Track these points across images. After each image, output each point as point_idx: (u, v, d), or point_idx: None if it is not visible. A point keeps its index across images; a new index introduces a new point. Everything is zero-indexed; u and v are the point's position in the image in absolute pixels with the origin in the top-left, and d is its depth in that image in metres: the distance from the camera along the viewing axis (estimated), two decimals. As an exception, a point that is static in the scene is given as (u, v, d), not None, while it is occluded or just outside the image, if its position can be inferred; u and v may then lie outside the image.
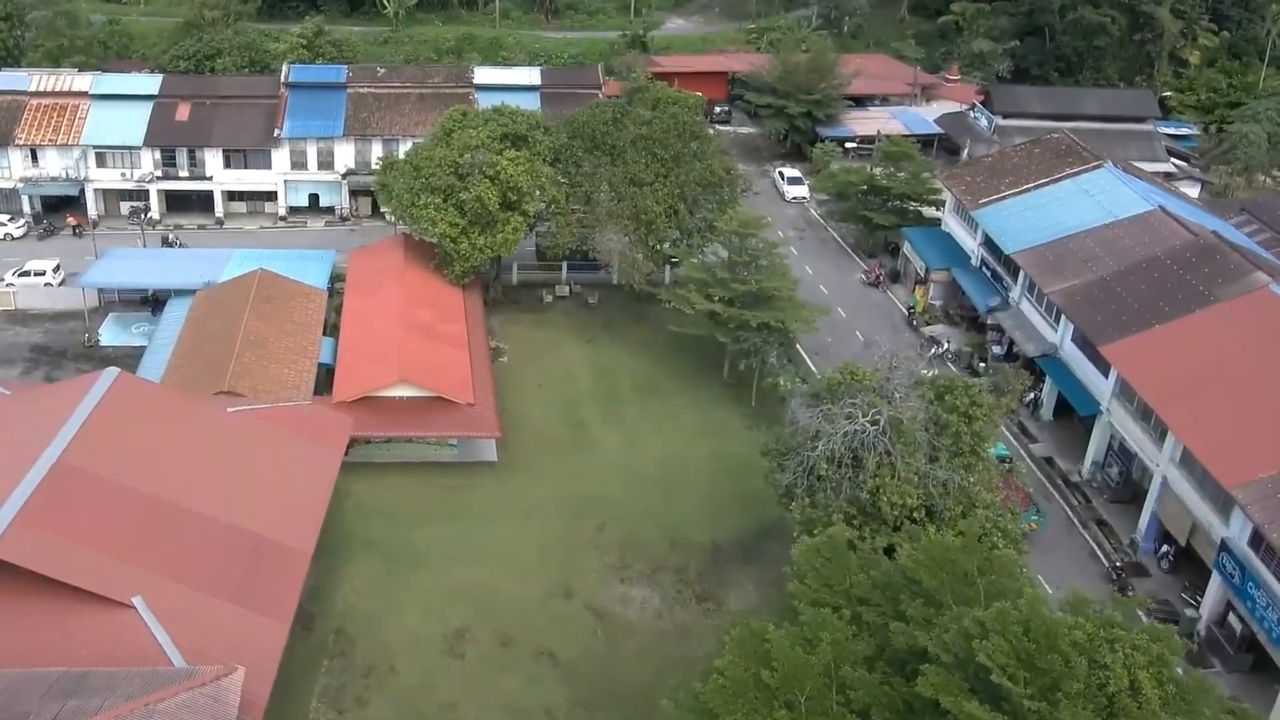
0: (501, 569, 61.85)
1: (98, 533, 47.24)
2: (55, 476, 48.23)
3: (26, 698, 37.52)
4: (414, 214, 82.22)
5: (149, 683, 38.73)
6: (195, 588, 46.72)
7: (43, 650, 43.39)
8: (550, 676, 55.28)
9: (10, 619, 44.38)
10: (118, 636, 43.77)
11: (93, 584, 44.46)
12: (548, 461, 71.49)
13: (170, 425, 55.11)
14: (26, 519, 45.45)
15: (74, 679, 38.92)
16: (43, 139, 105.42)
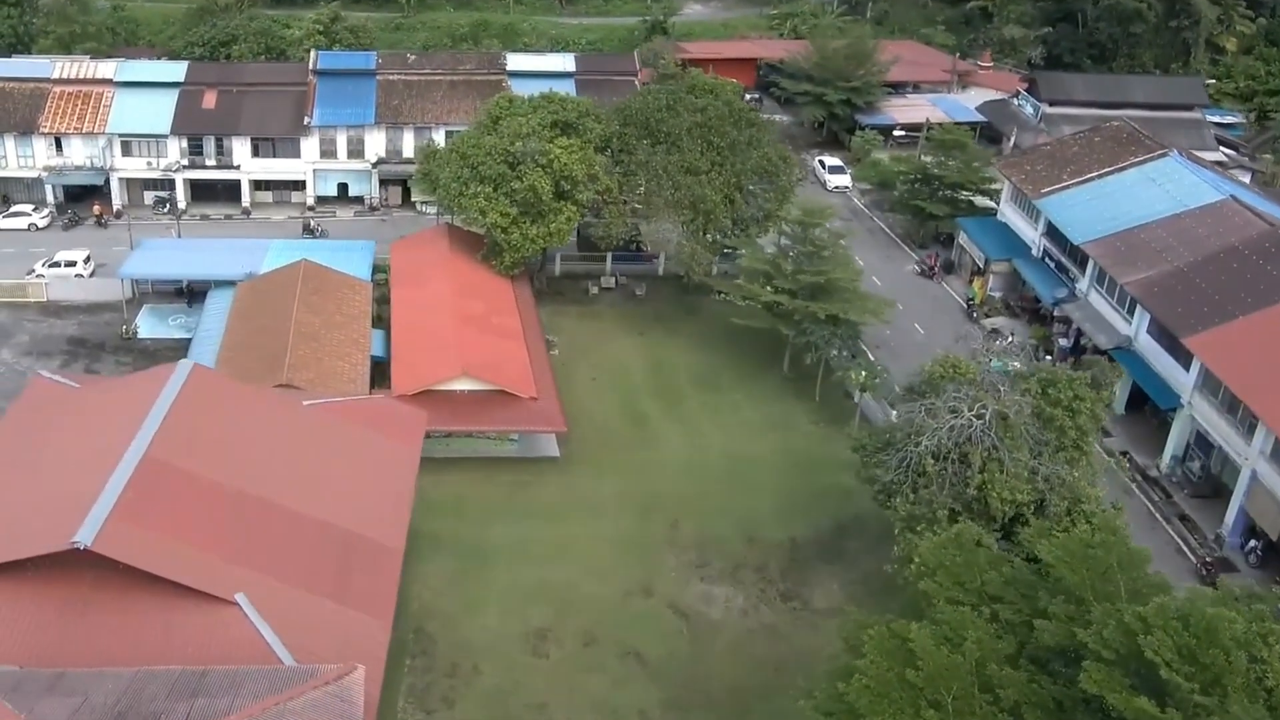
0: (576, 567, 61.58)
1: (191, 528, 46.90)
2: (144, 471, 47.84)
3: (151, 696, 37.21)
4: (462, 203, 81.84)
5: (272, 681, 38.38)
6: (293, 585, 46.36)
7: (147, 648, 43.19)
8: (639, 677, 55.01)
9: (111, 616, 44.11)
10: (221, 634, 43.49)
11: (195, 580, 44.14)
12: (611, 457, 71.23)
13: (249, 419, 54.73)
14: (121, 514, 45.03)
15: (194, 677, 38.59)
16: (67, 127, 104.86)
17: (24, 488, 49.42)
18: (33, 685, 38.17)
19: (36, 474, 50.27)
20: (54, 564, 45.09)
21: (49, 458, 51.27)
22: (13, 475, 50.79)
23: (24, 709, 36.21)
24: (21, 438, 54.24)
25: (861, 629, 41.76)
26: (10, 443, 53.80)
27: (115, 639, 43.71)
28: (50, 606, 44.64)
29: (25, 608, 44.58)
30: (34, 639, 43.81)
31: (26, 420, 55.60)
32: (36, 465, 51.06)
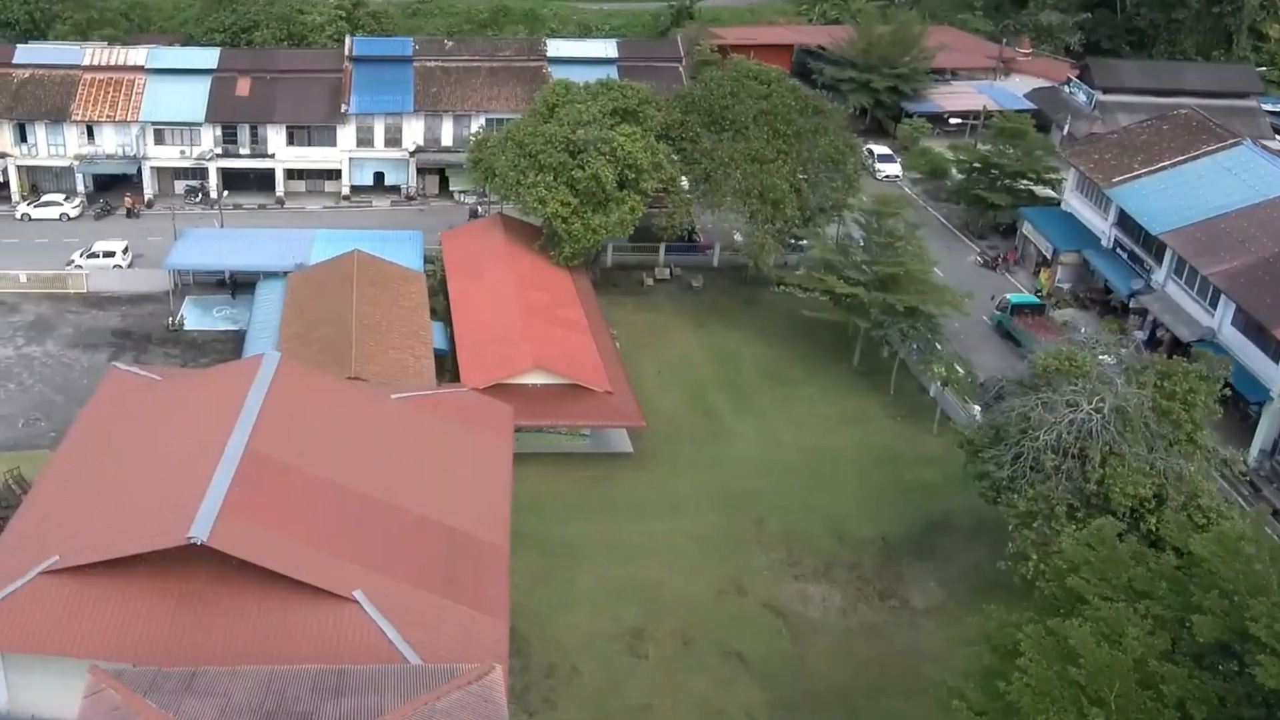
0: (664, 565, 61.64)
1: (298, 523, 46.90)
2: (248, 465, 47.66)
3: (295, 696, 37.16)
4: (520, 193, 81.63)
5: (414, 681, 38.40)
6: (406, 582, 46.10)
7: (268, 646, 43.19)
8: (741, 677, 55.11)
9: (227, 613, 44.12)
10: (342, 632, 43.47)
11: (313, 577, 44.02)
12: (685, 452, 71.28)
13: (342, 412, 54.72)
14: (231, 509, 44.93)
15: (332, 676, 38.53)
16: (100, 115, 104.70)
17: (125, 482, 49.42)
18: (169, 684, 38.06)
19: (135, 468, 50.25)
20: (165, 560, 45.14)
21: (146, 451, 51.24)
22: (111, 469, 50.80)
23: (170, 709, 36.21)
24: (111, 431, 54.26)
25: (1007, 628, 41.77)
26: (99, 436, 53.79)
27: (234, 637, 43.71)
28: (164, 603, 44.67)
29: (139, 604, 44.61)
30: (150, 636, 43.91)
31: (111, 413, 55.57)
32: (133, 459, 51.04)
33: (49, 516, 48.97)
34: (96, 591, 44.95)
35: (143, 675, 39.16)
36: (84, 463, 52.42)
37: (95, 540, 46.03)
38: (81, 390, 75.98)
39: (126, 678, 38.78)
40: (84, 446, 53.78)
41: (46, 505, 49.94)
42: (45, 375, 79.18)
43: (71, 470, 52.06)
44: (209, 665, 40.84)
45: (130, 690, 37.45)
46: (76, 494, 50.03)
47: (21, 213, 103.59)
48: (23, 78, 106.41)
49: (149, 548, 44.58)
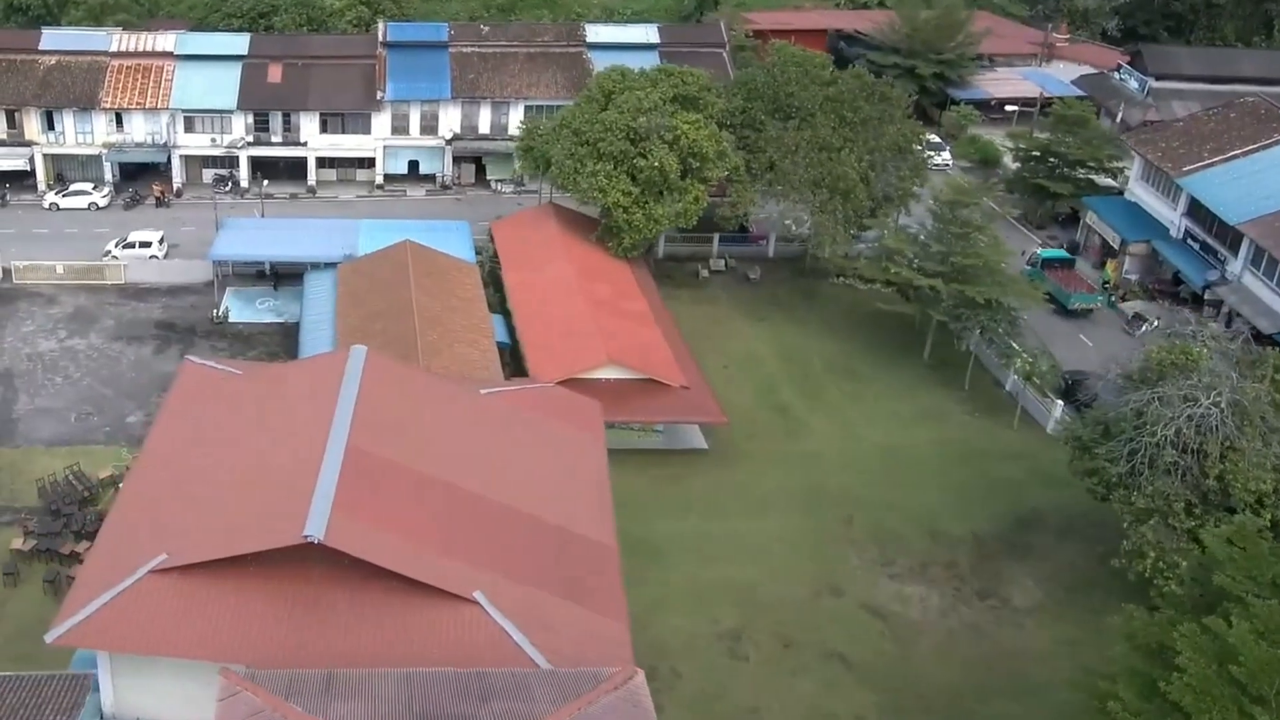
0: (755, 565, 61.64)
1: (407, 521, 46.57)
2: (352, 462, 47.18)
3: (442, 699, 37.03)
4: (578, 182, 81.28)
5: (559, 685, 38.25)
6: (522, 583, 45.75)
7: (390, 647, 42.86)
8: (846, 680, 55.02)
9: (344, 614, 43.78)
10: (465, 633, 43.17)
11: (432, 577, 43.68)
12: (760, 449, 71.20)
13: (435, 407, 54.44)
14: (342, 507, 44.51)
15: (472, 679, 38.35)
16: (129, 102, 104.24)
17: (226, 479, 49.02)
18: (307, 687, 37.80)
19: (234, 464, 49.92)
20: (276, 559, 44.73)
21: (242, 447, 50.94)
22: (207, 465, 50.36)
23: (317, 713, 35.88)
24: (198, 426, 53.86)
25: (1152, 628, 41.64)
26: (187, 431, 53.45)
27: (352, 638, 43.41)
28: (278, 603, 44.25)
29: (252, 604, 44.16)
30: (266, 637, 43.48)
31: (196, 407, 55.18)
32: (230, 455, 50.69)
33: (147, 514, 48.62)
34: (206, 591, 44.58)
35: (276, 678, 38.82)
36: (176, 459, 52.03)
37: (203, 538, 45.66)
38: (129, 383, 75.82)
39: (260, 680, 38.28)
40: (172, 441, 53.35)
41: (142, 502, 49.58)
42: (91, 368, 78.88)
43: (163, 466, 51.68)
44: (330, 667, 40.35)
45: (269, 693, 36.94)
46: (173, 491, 49.68)
47: (50, 202, 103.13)
48: (49, 64, 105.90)
49: (263, 546, 44.20)
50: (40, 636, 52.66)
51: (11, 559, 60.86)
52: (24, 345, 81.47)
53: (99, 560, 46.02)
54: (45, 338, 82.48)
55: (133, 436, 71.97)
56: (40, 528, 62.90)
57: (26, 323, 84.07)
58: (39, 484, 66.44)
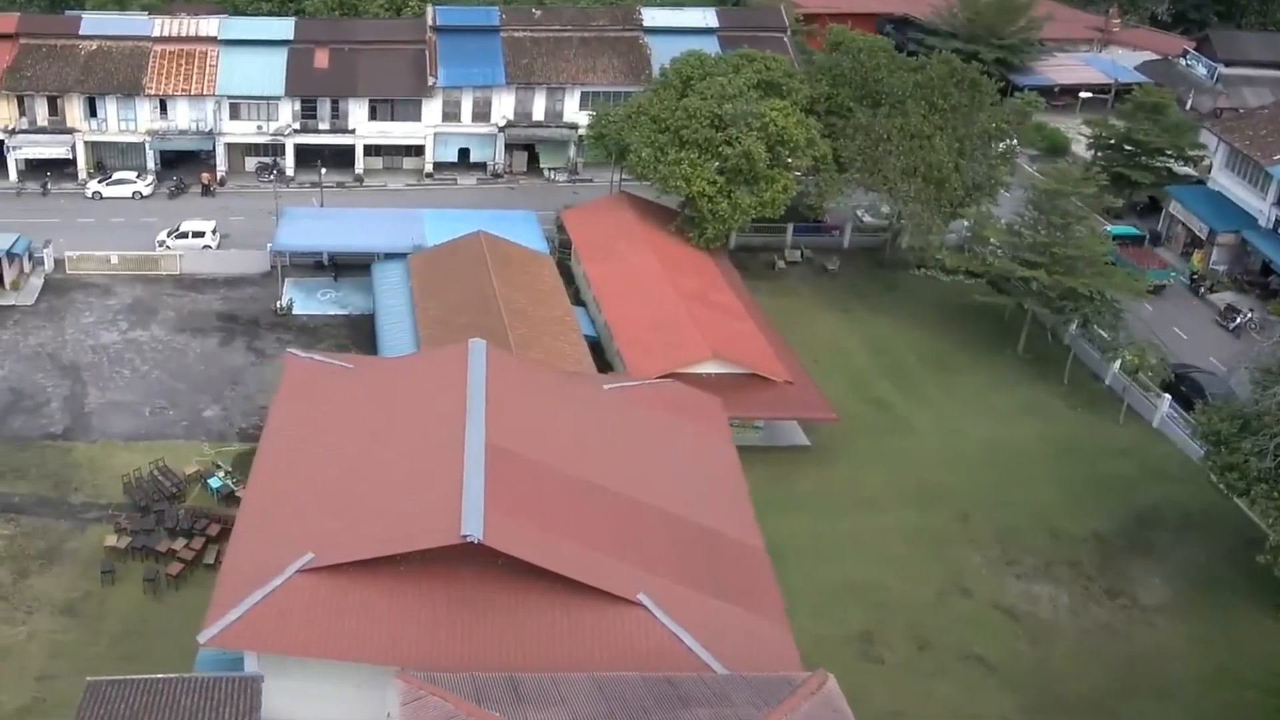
0: (875, 564, 61.36)
1: (559, 522, 46.08)
2: (494, 460, 46.66)
3: (641, 705, 36.75)
4: (660, 170, 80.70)
5: (755, 691, 37.70)
6: (680, 585, 45.28)
7: (554, 650, 42.64)
8: (987, 683, 54.76)
9: (505, 615, 43.33)
10: (633, 637, 42.75)
11: (596, 579, 43.17)
12: (863, 445, 70.87)
13: (562, 403, 54.09)
14: (494, 506, 43.96)
15: (663, 684, 38.04)
16: (174, 89, 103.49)
17: (363, 476, 48.54)
18: (494, 692, 37.41)
19: (368, 461, 49.50)
20: (427, 559, 44.41)
21: (374, 444, 50.46)
22: (338, 462, 49.85)
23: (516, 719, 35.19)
24: (318, 421, 53.36)
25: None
26: (306, 426, 52.95)
27: (516, 640, 42.99)
28: (434, 604, 43.76)
29: (406, 605, 43.68)
30: (424, 639, 43.09)
31: (311, 402, 54.67)
32: (362, 452, 50.28)
33: (282, 512, 48.14)
34: (356, 591, 44.19)
35: (457, 681, 38.18)
36: (300, 454, 51.58)
37: (350, 538, 45.18)
38: (199, 376, 75.37)
39: (442, 684, 37.73)
40: (292, 437, 52.88)
41: (274, 500, 49.01)
42: (158, 361, 78.41)
43: (288, 462, 51.21)
44: (497, 671, 39.95)
45: (459, 697, 36.38)
46: (306, 488, 49.24)
47: (93, 191, 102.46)
48: (90, 50, 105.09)
49: (419, 546, 43.78)
50: (144, 635, 52.83)
51: (107, 557, 59.76)
52: (86, 337, 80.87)
53: (239, 560, 45.51)
54: (107, 329, 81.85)
55: (211, 431, 71.58)
56: (133, 525, 61.80)
57: (85, 314, 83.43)
58: (125, 480, 65.76)
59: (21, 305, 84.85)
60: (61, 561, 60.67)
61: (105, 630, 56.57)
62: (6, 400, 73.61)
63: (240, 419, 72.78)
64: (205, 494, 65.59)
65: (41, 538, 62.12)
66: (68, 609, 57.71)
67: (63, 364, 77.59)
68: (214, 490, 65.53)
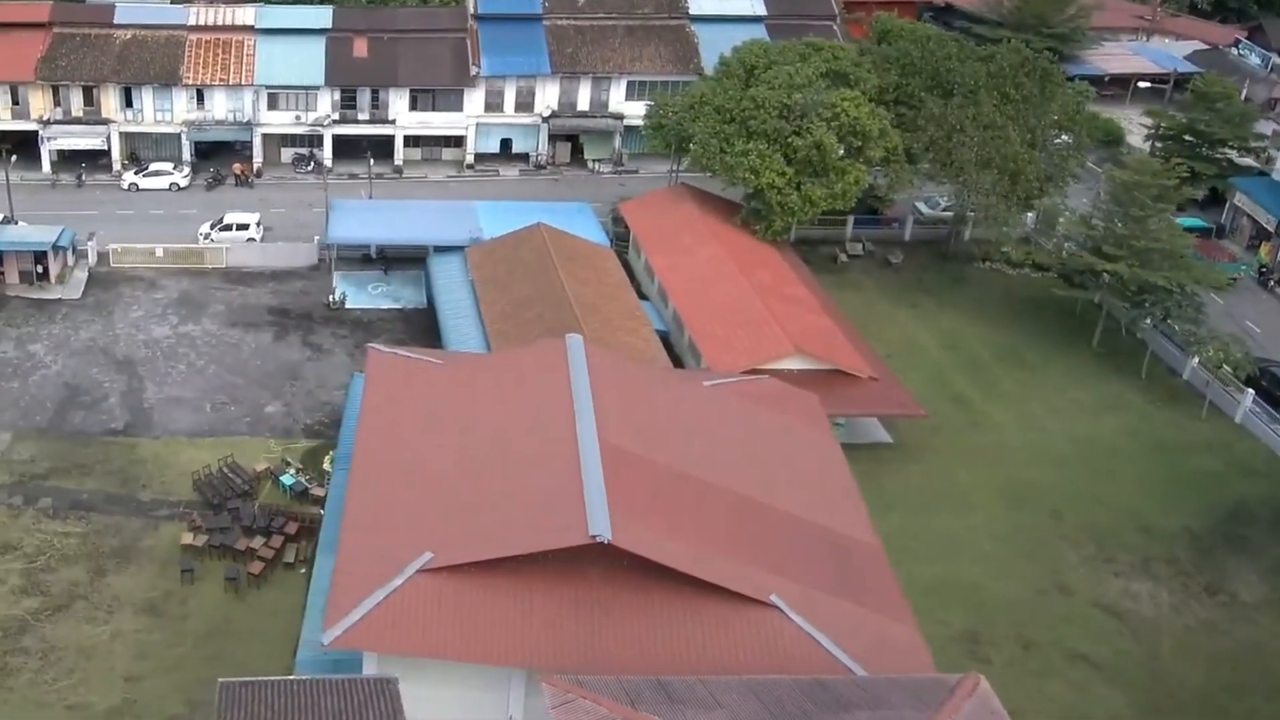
0: (971, 563, 61.64)
1: (684, 522, 46.23)
2: (610, 459, 46.67)
3: (799, 708, 36.94)
4: (725, 161, 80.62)
5: (910, 693, 37.68)
6: (806, 584, 45.36)
7: (689, 652, 42.88)
8: (1095, 681, 55.03)
9: (635, 617, 43.61)
10: (766, 639, 42.74)
11: (728, 580, 43.29)
12: (946, 441, 71.02)
13: (667, 400, 54.14)
14: (619, 507, 44.00)
15: (814, 687, 38.05)
16: (211, 78, 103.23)
17: (471, 474, 48.48)
18: (646, 694, 37.45)
19: (475, 459, 49.39)
20: (549, 559, 44.57)
21: (477, 441, 50.53)
22: (444, 460, 49.91)
23: (676, 722, 35.26)
24: (414, 417, 53.28)
25: None
26: (402, 423, 52.93)
27: (648, 642, 43.19)
28: (561, 605, 43.85)
29: (532, 606, 43.78)
30: (554, 640, 43.25)
31: (401, 398, 54.78)
32: (466, 449, 50.22)
33: (391, 510, 48.22)
34: (479, 592, 44.38)
35: (604, 684, 38.19)
36: (400, 451, 51.67)
37: (471, 537, 45.39)
38: (257, 372, 75.50)
39: (590, 687, 37.71)
40: (389, 433, 52.98)
41: (381, 498, 49.10)
42: (214, 356, 78.48)
43: (388, 459, 51.29)
44: (630, 673, 39.99)
45: (614, 701, 36.36)
46: (413, 486, 49.24)
47: (129, 182, 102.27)
48: (125, 39, 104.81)
49: (546, 546, 43.87)
50: (229, 635, 53.00)
51: (185, 555, 59.77)
52: (138, 332, 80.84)
53: (353, 559, 45.63)
54: (157, 323, 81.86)
55: (276, 427, 71.68)
56: (208, 523, 61.77)
57: (134, 308, 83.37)
58: (194, 477, 65.69)
59: (68, 299, 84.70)
60: (137, 560, 60.58)
61: (189, 630, 56.52)
62: (63, 395, 73.40)
63: (304, 415, 72.59)
64: (276, 491, 65.09)
65: (114, 535, 62.05)
66: (149, 608, 57.64)
67: (116, 359, 77.49)
68: (287, 488, 65.21)
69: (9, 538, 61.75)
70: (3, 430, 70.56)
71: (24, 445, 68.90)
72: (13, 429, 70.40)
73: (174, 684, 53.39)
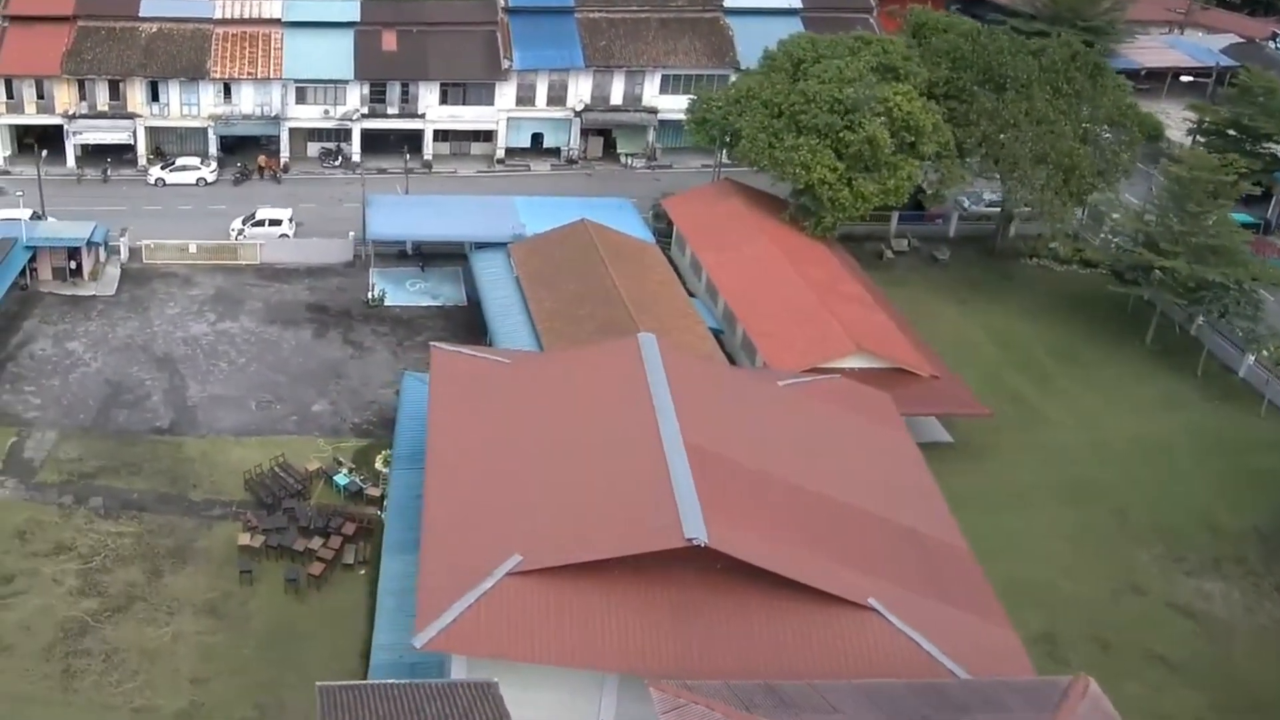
0: (1041, 563, 61.74)
1: (776, 524, 46.27)
2: (697, 461, 46.68)
3: (917, 711, 36.73)
4: (775, 156, 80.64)
5: (1026, 696, 37.73)
6: (901, 587, 45.44)
7: (789, 657, 43.21)
8: (1173, 683, 55.25)
9: (732, 620, 43.67)
10: (867, 642, 42.86)
11: (828, 583, 43.33)
12: (1005, 440, 71.15)
13: (744, 400, 54.30)
14: (712, 509, 44.05)
15: (934, 691, 37.93)
16: (239, 72, 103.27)
17: (553, 476, 48.50)
18: (757, 699, 37.54)
19: (557, 460, 49.46)
20: (640, 562, 44.60)
21: (557, 442, 50.55)
22: (521, 461, 49.84)
23: (796, 727, 35.35)
24: (486, 418, 53.48)
25: None
26: (476, 423, 52.89)
27: (747, 645, 43.28)
28: (657, 609, 43.89)
29: (627, 609, 43.85)
30: (651, 644, 43.48)
31: (471, 398, 54.87)
32: (546, 450, 50.22)
33: (474, 512, 48.30)
34: (570, 595, 44.46)
35: (712, 688, 38.28)
36: (478, 454, 51.74)
37: (559, 540, 45.41)
38: (300, 369, 75.54)
39: (698, 692, 37.79)
40: (463, 434, 53.06)
41: (460, 500, 49.19)
42: (254, 354, 78.57)
43: (465, 461, 51.28)
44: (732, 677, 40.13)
45: (730, 707, 36.44)
46: (492, 488, 49.33)
47: (156, 178, 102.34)
48: (150, 32, 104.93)
49: (641, 549, 43.98)
50: (293, 637, 53.11)
51: (242, 556, 59.86)
52: (175, 329, 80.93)
53: (437, 562, 45.65)
54: (195, 321, 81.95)
55: (324, 426, 71.77)
56: (263, 523, 61.77)
57: (169, 305, 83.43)
58: (246, 476, 65.62)
59: (102, 296, 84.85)
60: (194, 560, 60.63)
61: (252, 632, 56.57)
62: (106, 393, 73.48)
63: (351, 414, 72.68)
64: (329, 491, 64.94)
65: (168, 535, 62.11)
66: (209, 609, 57.72)
67: (156, 356, 77.53)
68: (341, 488, 65.21)
69: (62, 538, 61.54)
70: (48, 429, 70.22)
71: (70, 444, 68.67)
72: (57, 427, 70.20)
73: (241, 687, 53.31)
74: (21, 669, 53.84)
